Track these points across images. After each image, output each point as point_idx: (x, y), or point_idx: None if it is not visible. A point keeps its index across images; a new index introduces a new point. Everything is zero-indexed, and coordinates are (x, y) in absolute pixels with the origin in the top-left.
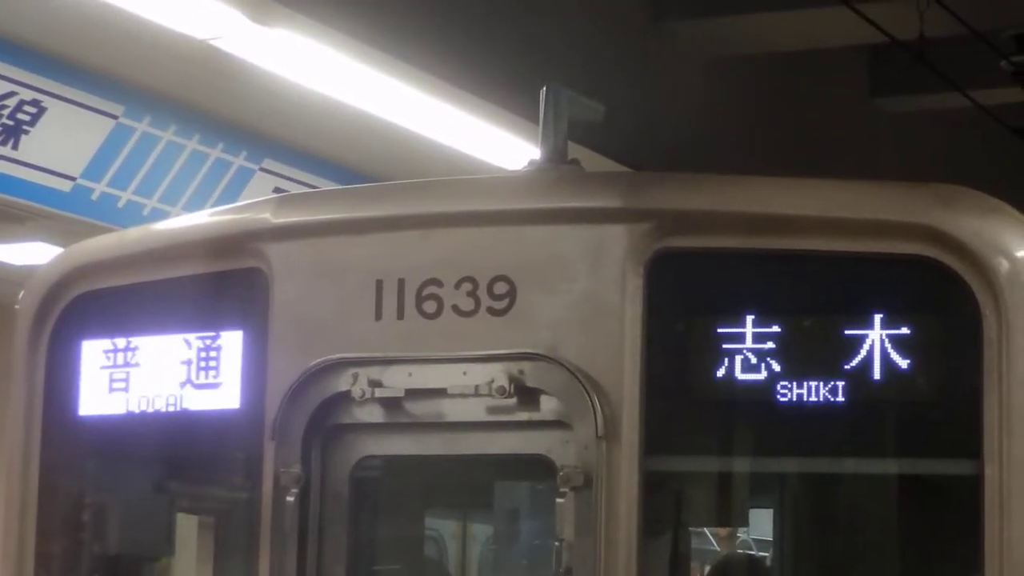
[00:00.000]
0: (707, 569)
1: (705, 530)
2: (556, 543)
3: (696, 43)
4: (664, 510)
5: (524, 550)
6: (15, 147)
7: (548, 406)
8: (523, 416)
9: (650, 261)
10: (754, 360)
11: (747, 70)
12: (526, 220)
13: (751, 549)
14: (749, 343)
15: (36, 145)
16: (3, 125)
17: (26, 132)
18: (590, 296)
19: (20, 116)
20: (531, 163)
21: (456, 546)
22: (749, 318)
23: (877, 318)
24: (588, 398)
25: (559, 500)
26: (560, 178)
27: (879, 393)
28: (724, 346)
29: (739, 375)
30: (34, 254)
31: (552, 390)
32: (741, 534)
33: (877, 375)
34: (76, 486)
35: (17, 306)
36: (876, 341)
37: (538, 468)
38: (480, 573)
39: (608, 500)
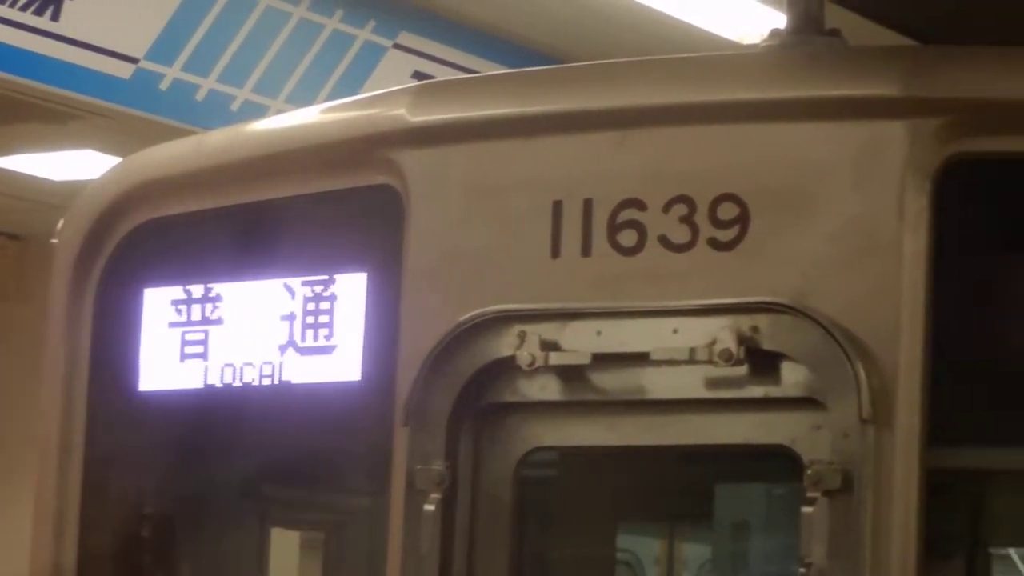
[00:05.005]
0: None
1: (1012, 552)
2: (801, 569)
3: None
4: (954, 523)
5: None
6: (55, 17)
7: (793, 377)
8: (757, 391)
9: (940, 172)
10: None
11: None
12: (765, 116)
13: None
14: None
15: (83, 15)
16: None
17: None
18: (854, 222)
19: None
20: (773, 34)
21: (659, 574)
22: None
23: None
24: (849, 366)
25: (806, 509)
26: (814, 55)
27: None
28: None
29: None
30: (81, 166)
31: (798, 355)
32: None
33: None
34: (134, 490)
35: (55, 239)
36: None
37: (778, 464)
38: None
39: (876, 509)
